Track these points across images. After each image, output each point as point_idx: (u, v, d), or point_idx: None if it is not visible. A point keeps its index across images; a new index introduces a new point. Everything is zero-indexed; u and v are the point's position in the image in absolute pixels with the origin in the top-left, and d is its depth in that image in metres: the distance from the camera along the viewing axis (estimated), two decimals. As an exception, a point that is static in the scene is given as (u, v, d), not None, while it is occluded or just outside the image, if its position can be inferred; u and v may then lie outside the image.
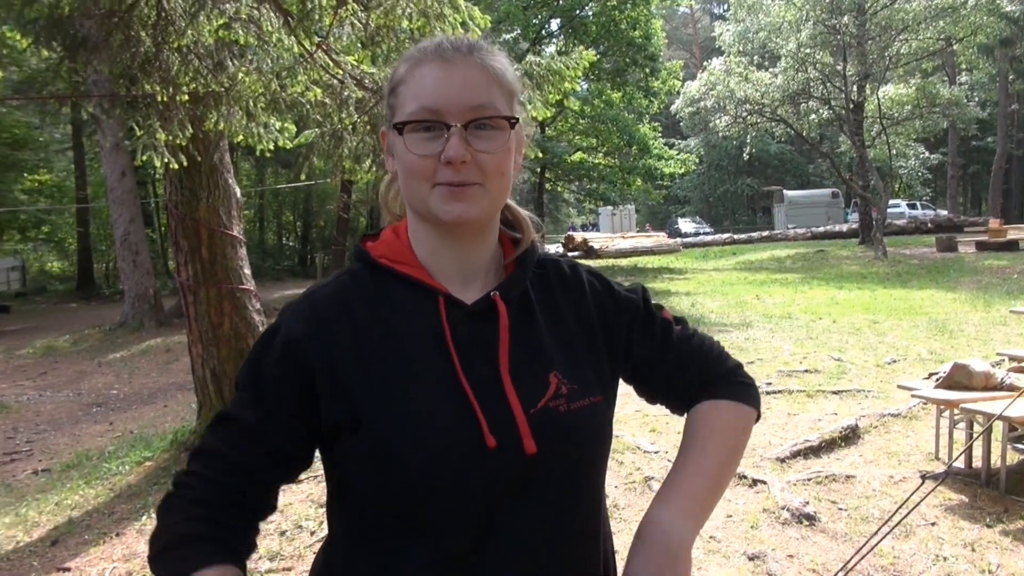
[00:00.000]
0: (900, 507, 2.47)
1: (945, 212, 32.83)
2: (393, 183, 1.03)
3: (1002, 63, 20.36)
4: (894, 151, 28.99)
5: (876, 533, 2.32)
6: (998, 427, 3.77)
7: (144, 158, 4.53)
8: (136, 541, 4.07)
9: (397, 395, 0.86)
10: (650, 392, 1.08)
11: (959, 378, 3.97)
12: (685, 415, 1.05)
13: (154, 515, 0.90)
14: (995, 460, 3.89)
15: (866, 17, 21.13)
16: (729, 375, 1.06)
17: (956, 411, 3.96)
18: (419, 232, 0.94)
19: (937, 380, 4.12)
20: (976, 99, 32.56)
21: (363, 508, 0.88)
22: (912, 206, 33.98)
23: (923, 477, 2.23)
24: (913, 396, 4.29)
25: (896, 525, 2.57)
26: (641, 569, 0.88)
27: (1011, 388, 3.91)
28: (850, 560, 2.29)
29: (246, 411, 0.90)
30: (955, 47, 23.75)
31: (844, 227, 28.12)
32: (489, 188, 0.88)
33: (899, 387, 4.88)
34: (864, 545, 2.23)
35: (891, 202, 31.59)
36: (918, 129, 27.29)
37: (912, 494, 2.75)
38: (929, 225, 27.29)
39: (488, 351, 0.89)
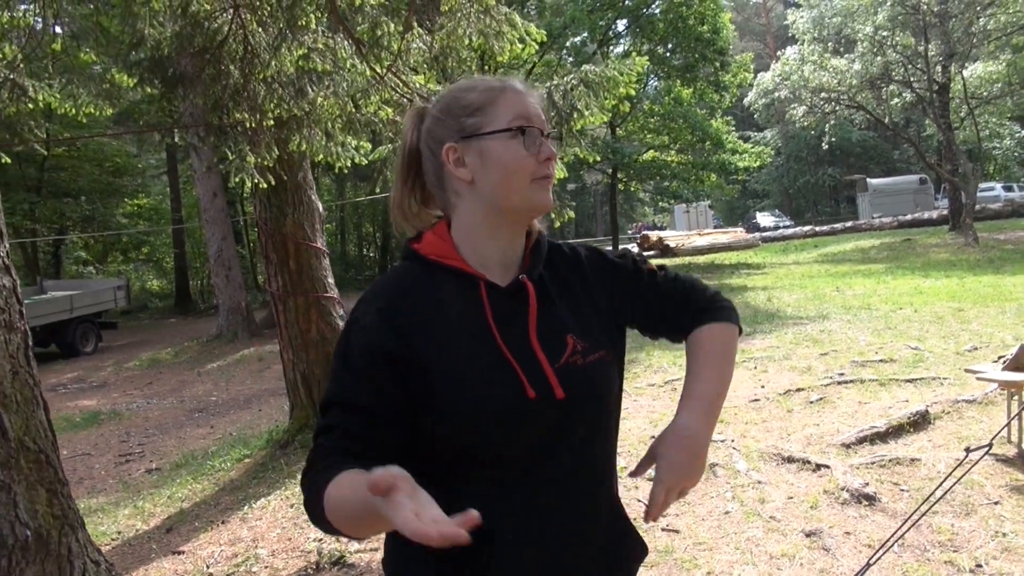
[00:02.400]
0: (945, 479, 2.57)
1: (1045, 193, 31.07)
2: (404, 202, 1.23)
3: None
4: (986, 131, 27.71)
5: (923, 505, 2.43)
6: (1069, 408, 3.75)
7: (236, 180, 4.97)
8: (240, 527, 4.48)
9: (458, 363, 1.09)
10: (651, 330, 1.33)
11: (1026, 360, 3.97)
12: (684, 342, 1.31)
13: (255, 505, 1.16)
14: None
15: (948, -7, 20.33)
16: (710, 302, 1.32)
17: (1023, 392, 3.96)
18: (479, 231, 1.16)
19: (1005, 362, 4.11)
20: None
21: (436, 455, 1.10)
22: (1008, 188, 32.28)
23: (967, 450, 2.34)
24: (978, 379, 4.28)
25: (939, 498, 2.65)
26: (675, 456, 1.15)
27: (1082, 369, 3.89)
28: (897, 531, 2.41)
29: (344, 392, 1.07)
30: (1049, 18, 22.52)
31: (934, 214, 27.02)
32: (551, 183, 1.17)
33: (966, 371, 4.86)
34: (910, 516, 2.35)
35: (985, 185, 30.14)
36: (1011, 107, 26.01)
37: (955, 468, 2.82)
38: (1027, 207, 25.93)
39: (520, 323, 1.14)
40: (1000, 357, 4.47)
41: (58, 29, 4.94)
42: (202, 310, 24.21)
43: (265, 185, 5.09)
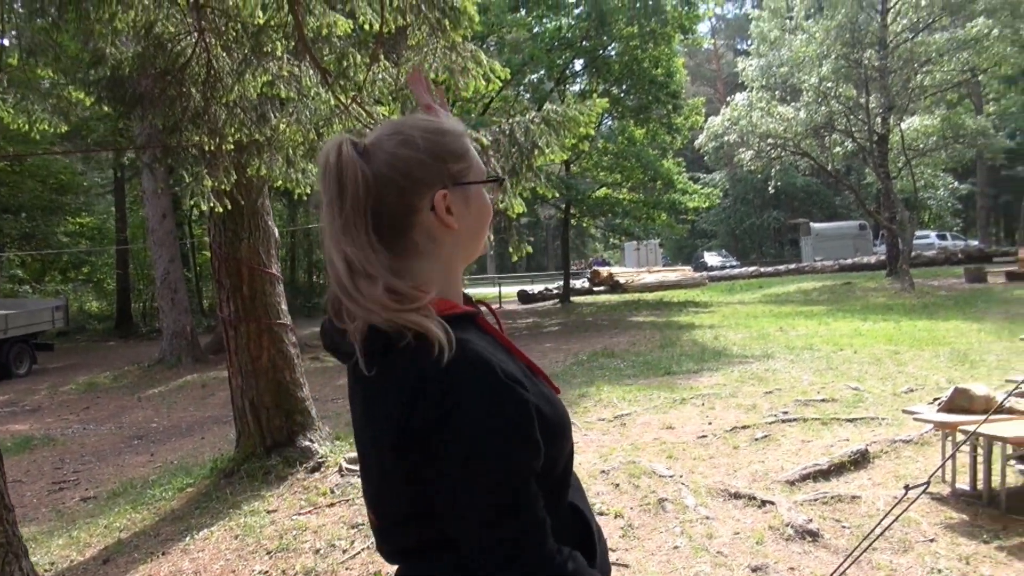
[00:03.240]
0: (884, 516, 2.67)
1: (976, 242, 32.55)
2: (374, 257, 1.03)
3: (1027, 93, 20.38)
4: (922, 182, 28.95)
5: (863, 542, 2.52)
6: (999, 448, 3.93)
7: (192, 203, 4.92)
8: (181, 559, 4.36)
9: (537, 386, 1.06)
10: None
11: (960, 401, 4.14)
12: None
13: (197, 536, 1.13)
14: (998, 480, 4.04)
15: (888, 50, 21.35)
16: None
17: (958, 433, 4.13)
18: (449, 273, 1.12)
19: (939, 404, 4.29)
20: (1005, 128, 32.48)
21: (548, 477, 1.04)
22: (942, 236, 33.73)
23: (907, 487, 2.44)
24: (915, 419, 4.46)
25: (879, 536, 2.76)
26: None
27: (1011, 411, 4.08)
28: (839, 567, 2.49)
29: (533, 462, 0.99)
30: (980, 78, 23.82)
31: (872, 259, 28.03)
32: None
33: (903, 411, 5.04)
34: (851, 553, 2.44)
35: (920, 233, 31.41)
36: (945, 160, 27.28)
37: (894, 505, 2.94)
38: (959, 256, 27.09)
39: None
40: (935, 399, 4.67)
41: (7, 43, 4.85)
42: (144, 334, 23.56)
43: (221, 209, 5.05)
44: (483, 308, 1.21)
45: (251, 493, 5.34)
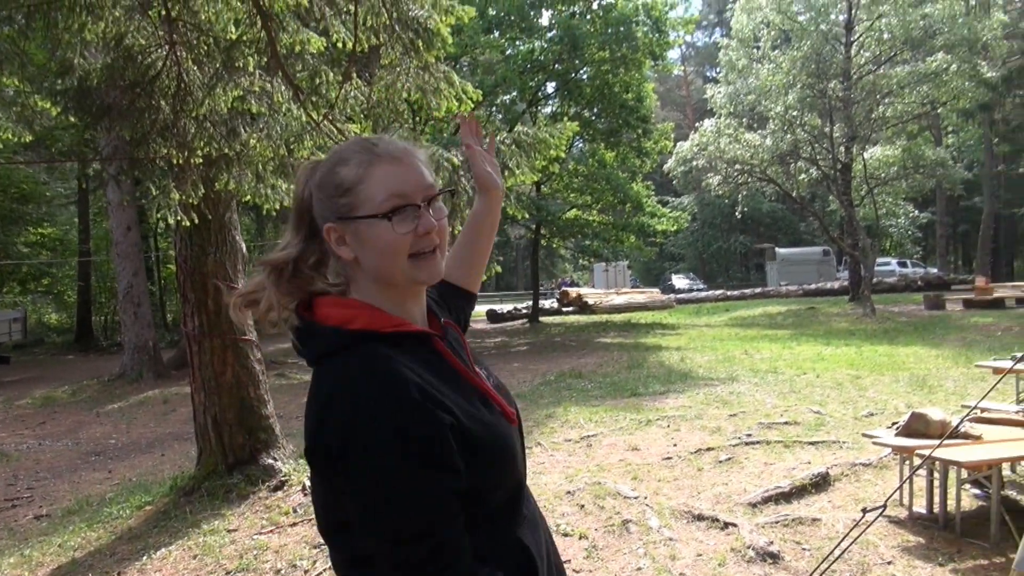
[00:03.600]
0: (843, 539, 2.71)
1: (935, 270, 33.34)
2: (303, 256, 1.13)
3: (984, 127, 21.02)
4: (883, 210, 29.65)
5: (822, 564, 2.56)
6: (954, 472, 4.02)
7: (158, 216, 4.87)
8: (138, 579, 4.26)
9: (472, 413, 1.07)
10: None
11: (917, 426, 4.23)
12: None
13: (154, 556, 1.13)
14: (954, 504, 4.13)
15: (851, 82, 21.91)
16: None
17: (915, 457, 4.22)
18: (382, 297, 1.11)
19: (897, 428, 4.38)
20: (963, 160, 33.44)
21: (484, 503, 1.06)
22: (902, 264, 34.49)
23: (864, 510, 2.48)
24: (874, 443, 4.54)
25: (838, 558, 2.80)
26: None
27: (966, 436, 4.17)
28: (799, 588, 2.52)
29: (435, 509, 0.98)
30: (939, 111, 24.54)
31: (835, 284, 28.55)
32: (443, 248, 1.14)
33: (862, 435, 5.13)
34: (810, 575, 2.47)
35: (882, 260, 32.12)
36: (905, 189, 27.98)
37: (852, 528, 2.99)
38: (919, 283, 27.72)
39: (465, 361, 1.18)
40: (894, 423, 4.76)
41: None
42: (104, 347, 23.07)
43: (188, 223, 5.00)
44: (449, 328, 1.22)
45: (211, 512, 5.25)
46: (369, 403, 0.97)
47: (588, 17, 19.87)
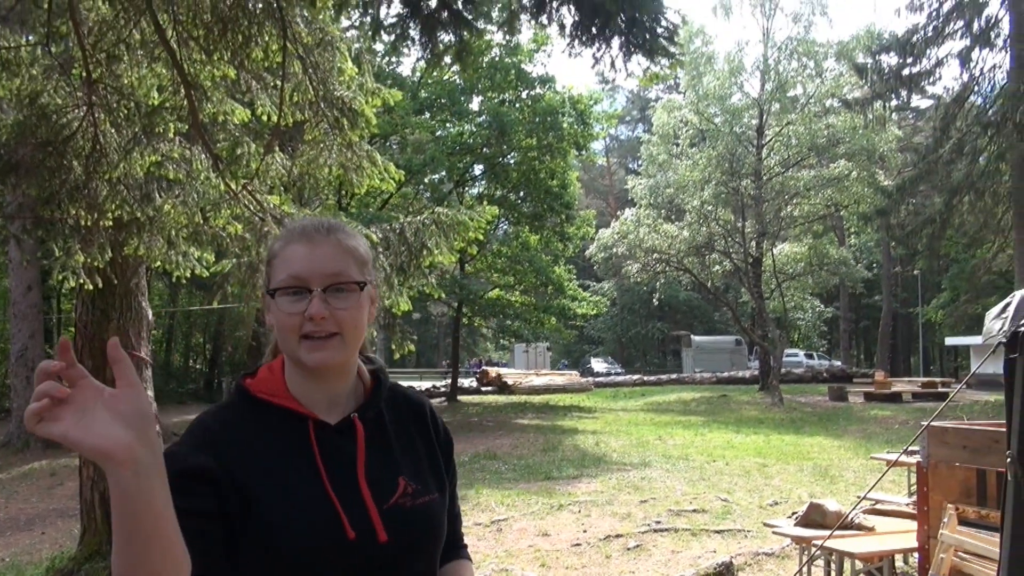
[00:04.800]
0: (739, 629, 2.73)
1: (839, 363, 34.85)
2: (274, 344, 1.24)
3: (882, 231, 22.53)
4: (791, 304, 31.03)
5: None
6: (849, 563, 4.12)
7: (60, 278, 4.68)
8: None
9: (281, 497, 1.08)
10: None
11: (814, 516, 4.35)
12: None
13: None
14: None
15: (762, 182, 23.25)
16: (462, 543, 1.39)
17: (812, 547, 4.31)
18: (293, 372, 1.16)
19: (797, 518, 4.49)
20: (864, 260, 35.56)
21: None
22: (809, 356, 35.97)
23: (759, 601, 2.51)
24: (774, 533, 4.63)
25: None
26: None
27: (860, 527, 4.31)
28: None
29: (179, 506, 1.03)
30: (842, 213, 26.19)
31: (747, 373, 29.45)
32: (346, 337, 1.13)
33: (764, 524, 5.23)
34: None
35: (789, 351, 33.40)
36: (811, 285, 29.46)
37: (749, 617, 3.01)
38: (824, 374, 28.90)
39: (349, 461, 1.14)
40: (793, 513, 4.87)
41: None
42: (-11, 413, 21.51)
43: (91, 286, 4.82)
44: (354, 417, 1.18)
45: (90, 597, 4.88)
46: (183, 443, 1.10)
47: (517, 105, 20.60)
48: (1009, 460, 2.65)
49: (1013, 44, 17.69)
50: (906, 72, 19.48)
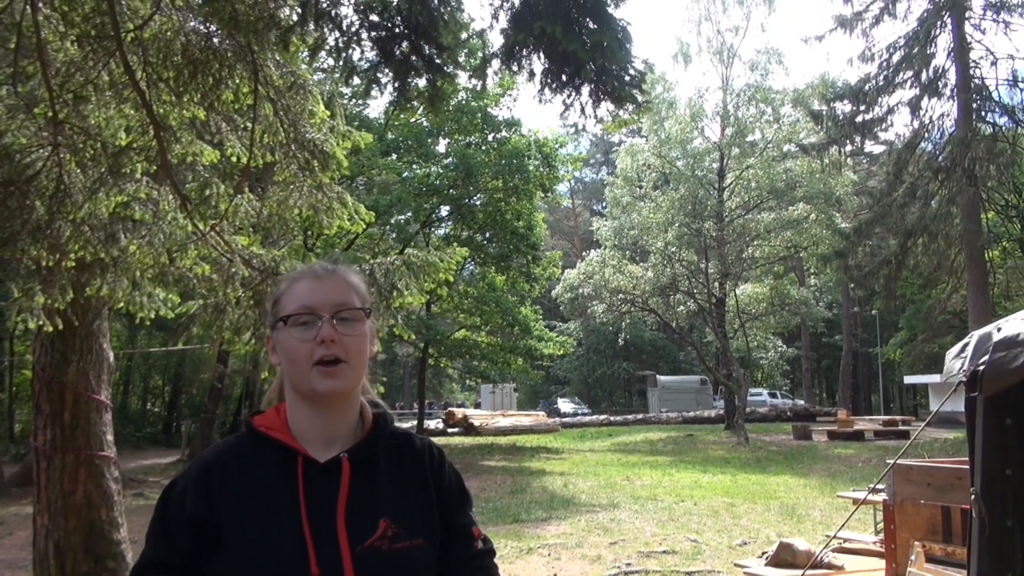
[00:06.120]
0: (714, 673, 2.71)
1: (802, 402, 35.26)
2: (278, 386, 1.32)
3: (840, 271, 23.08)
4: (755, 343, 31.45)
5: None
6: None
7: (18, 319, 4.56)
8: None
9: (252, 531, 1.13)
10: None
11: (784, 556, 4.37)
12: None
13: None
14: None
15: (724, 223, 23.71)
16: None
17: (783, 588, 4.32)
18: (295, 408, 1.22)
19: (767, 558, 4.50)
20: (824, 300, 36.27)
21: None
22: (773, 395, 36.40)
23: (733, 644, 2.51)
24: (744, 573, 4.63)
25: None
26: None
27: (829, 566, 4.33)
28: None
29: (156, 550, 1.17)
30: (801, 254, 26.78)
31: (712, 412, 29.62)
32: (352, 365, 1.20)
33: (735, 565, 5.23)
34: None
35: (754, 390, 33.76)
36: (773, 324, 29.92)
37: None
38: (788, 413, 29.20)
39: (330, 500, 1.16)
40: (763, 553, 4.88)
41: None
42: (-65, 460, 20.66)
43: (51, 328, 4.70)
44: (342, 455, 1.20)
45: (40, 653, 4.67)
46: (185, 469, 1.23)
47: (483, 148, 20.81)
48: (973, 497, 2.71)
49: (959, 94, 18.46)
50: (859, 119, 20.19)
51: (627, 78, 3.23)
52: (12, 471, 14.79)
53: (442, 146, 22.07)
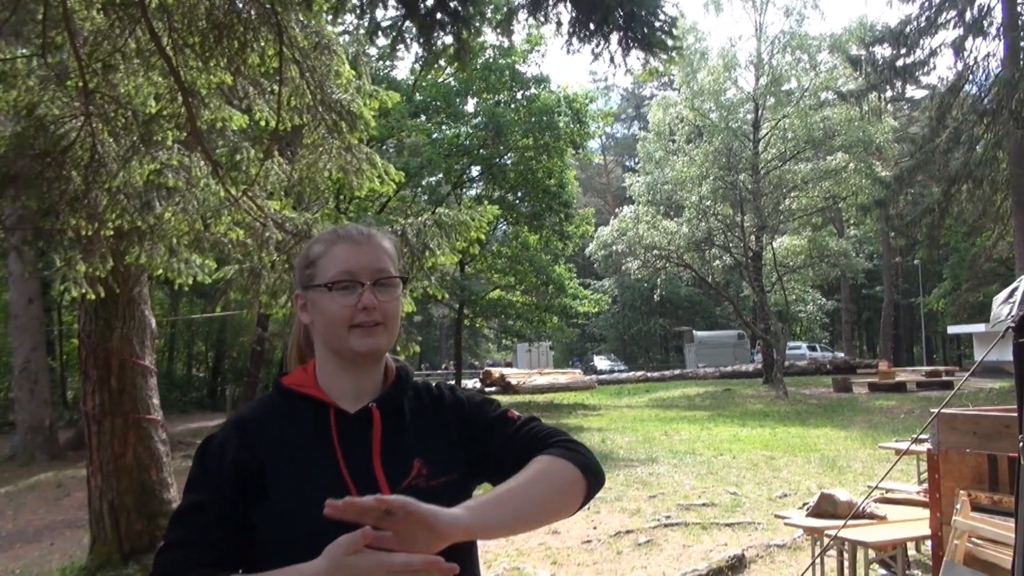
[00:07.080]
0: (755, 621, 2.72)
1: (842, 354, 34.81)
2: (296, 344, 1.37)
3: (881, 221, 22.53)
4: (793, 296, 31.05)
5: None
6: (862, 552, 4.11)
7: (62, 288, 4.67)
8: None
9: (297, 476, 1.17)
10: (501, 473, 1.22)
11: (826, 507, 4.33)
12: None
13: None
14: (862, 586, 4.20)
15: (759, 175, 23.22)
16: (563, 442, 1.28)
17: (824, 538, 4.30)
18: (327, 365, 1.26)
19: (808, 509, 4.47)
20: (864, 251, 35.54)
21: (267, 557, 1.13)
22: (812, 348, 35.96)
23: (774, 593, 2.50)
24: (786, 524, 4.62)
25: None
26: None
27: (872, 516, 4.29)
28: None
29: (199, 495, 1.19)
30: (840, 205, 26.18)
31: (750, 367, 29.41)
32: (389, 327, 1.24)
33: (775, 516, 5.22)
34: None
35: (793, 344, 33.39)
36: (812, 277, 29.45)
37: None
38: (828, 366, 28.85)
39: (365, 446, 1.21)
40: (804, 504, 4.86)
41: None
42: (-7, 427, 21.49)
43: (94, 296, 4.81)
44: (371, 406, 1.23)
45: (101, 607, 4.87)
46: (222, 425, 1.27)
47: (512, 106, 20.57)
48: (1022, 445, 2.64)
49: (1006, 32, 17.70)
50: (900, 63, 19.48)
51: (657, 24, 3.14)
52: (67, 435, 15.33)
53: (471, 106, 21.86)
